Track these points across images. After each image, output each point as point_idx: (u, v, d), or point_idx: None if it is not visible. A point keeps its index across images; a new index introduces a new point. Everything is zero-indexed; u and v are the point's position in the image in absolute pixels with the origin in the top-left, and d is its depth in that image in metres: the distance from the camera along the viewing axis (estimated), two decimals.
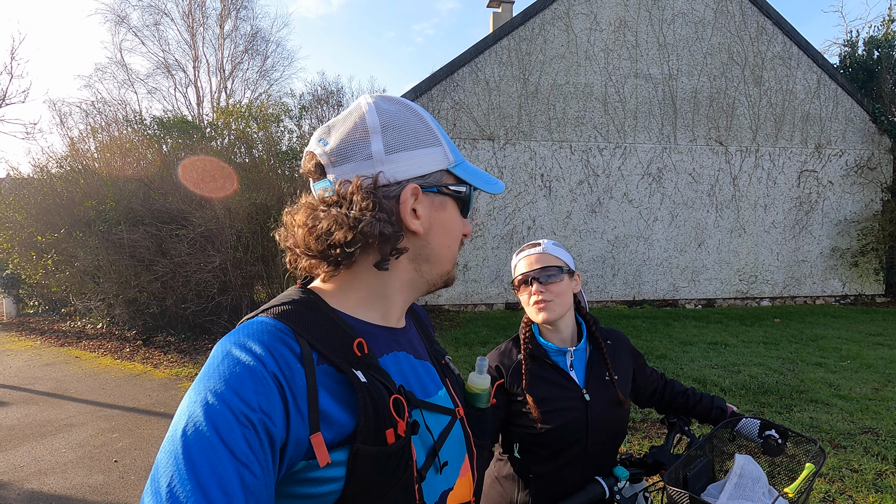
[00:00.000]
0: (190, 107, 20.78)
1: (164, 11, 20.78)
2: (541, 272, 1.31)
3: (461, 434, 0.74)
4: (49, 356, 6.34)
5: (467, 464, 0.74)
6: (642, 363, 1.51)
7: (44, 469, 3.46)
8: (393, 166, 0.64)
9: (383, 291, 0.69)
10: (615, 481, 1.23)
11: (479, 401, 0.81)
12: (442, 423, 0.70)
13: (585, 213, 8.66)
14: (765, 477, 1.07)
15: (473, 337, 6.56)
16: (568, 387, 1.32)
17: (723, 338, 6.54)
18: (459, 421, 0.74)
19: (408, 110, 0.69)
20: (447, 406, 0.72)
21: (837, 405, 4.18)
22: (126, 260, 6.90)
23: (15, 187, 9.03)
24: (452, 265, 0.74)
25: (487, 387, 0.82)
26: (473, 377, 0.82)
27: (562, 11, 8.38)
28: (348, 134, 0.65)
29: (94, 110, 12.02)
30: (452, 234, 0.71)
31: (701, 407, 1.45)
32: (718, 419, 1.42)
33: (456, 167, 0.70)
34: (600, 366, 1.36)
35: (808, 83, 8.99)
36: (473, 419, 0.79)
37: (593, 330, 1.40)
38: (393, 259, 0.65)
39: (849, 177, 9.22)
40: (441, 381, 0.75)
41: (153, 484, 0.49)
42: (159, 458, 0.51)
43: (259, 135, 7.83)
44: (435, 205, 0.68)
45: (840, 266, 9.35)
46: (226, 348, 0.56)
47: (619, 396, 1.32)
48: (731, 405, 1.44)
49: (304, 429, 0.55)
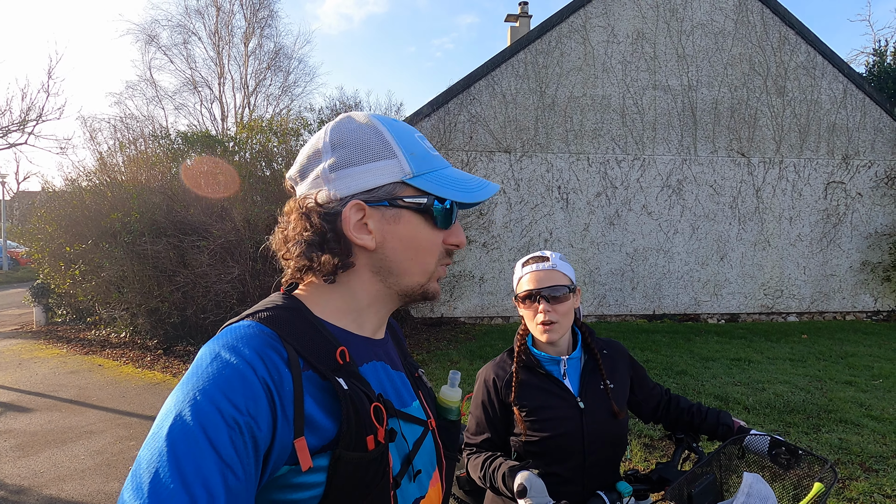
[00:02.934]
0: (215, 122, 21.41)
1: (192, 31, 21.56)
2: (549, 290, 1.30)
3: (432, 445, 0.75)
4: (74, 364, 6.50)
5: (437, 474, 0.75)
6: (643, 375, 1.49)
7: (62, 475, 3.52)
8: (338, 183, 0.66)
9: (355, 303, 0.70)
10: (618, 497, 1.21)
11: (451, 413, 0.82)
12: (416, 433, 0.71)
13: (604, 226, 8.56)
14: (773, 496, 1.02)
15: (489, 350, 6.50)
16: (562, 395, 1.32)
17: (747, 354, 6.34)
18: (431, 432, 0.75)
19: (367, 127, 0.68)
20: (420, 417, 0.73)
21: (869, 426, 3.99)
22: (149, 270, 7.07)
23: (47, 200, 9.38)
24: (426, 278, 0.71)
25: (459, 400, 0.83)
26: (446, 390, 0.84)
27: (579, 24, 8.39)
28: (305, 157, 0.70)
29: (123, 126, 12.46)
30: (414, 246, 0.69)
31: (707, 423, 1.41)
32: (725, 435, 1.37)
33: (415, 178, 0.67)
34: (595, 375, 1.36)
35: (834, 93, 8.78)
36: (444, 431, 0.80)
37: (588, 339, 1.40)
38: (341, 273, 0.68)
39: (879, 188, 8.92)
40: (415, 393, 0.76)
41: (134, 479, 0.49)
42: (141, 454, 0.50)
43: (279, 148, 7.99)
44: (387, 218, 0.67)
45: (871, 280, 9.01)
46: (214, 350, 0.57)
47: (614, 407, 1.31)
48: (738, 420, 1.40)
49: (289, 433, 0.56)
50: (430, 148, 0.72)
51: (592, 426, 1.28)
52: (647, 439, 3.78)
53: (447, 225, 0.70)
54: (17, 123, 11.21)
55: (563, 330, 1.32)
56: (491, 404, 1.38)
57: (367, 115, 0.70)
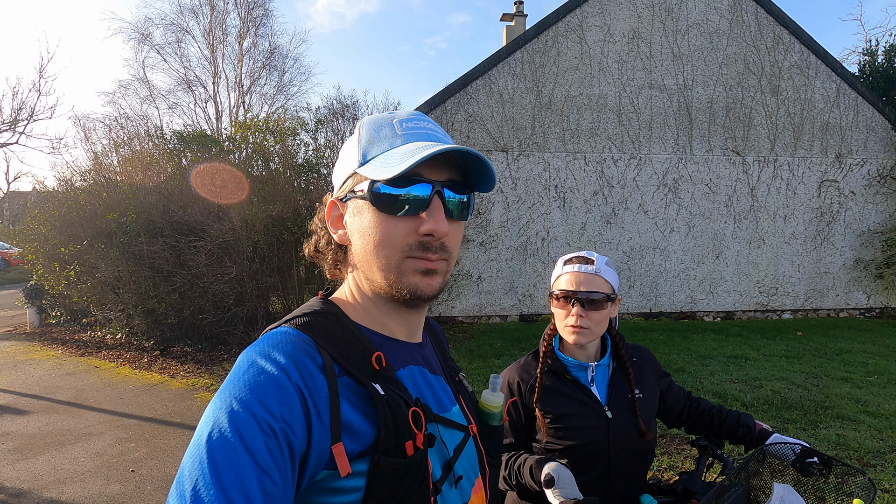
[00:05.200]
0: (209, 121, 21.26)
1: (185, 29, 21.39)
2: (586, 295, 1.24)
3: (474, 451, 0.74)
4: (70, 366, 6.45)
5: (480, 481, 0.74)
6: (669, 382, 1.45)
7: (62, 478, 3.49)
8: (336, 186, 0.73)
9: (365, 303, 0.71)
10: None
11: (493, 419, 0.80)
12: (456, 438, 0.70)
13: (600, 225, 8.59)
14: None
15: (487, 349, 6.51)
16: (589, 403, 1.26)
17: (743, 351, 6.39)
18: (472, 438, 0.74)
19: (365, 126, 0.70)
20: (461, 422, 0.72)
21: (865, 422, 4.04)
22: (145, 271, 7.02)
23: (40, 200, 9.28)
24: (390, 272, 0.64)
25: (501, 404, 0.81)
26: (487, 395, 0.81)
27: (575, 24, 8.41)
28: None
29: (117, 125, 12.36)
30: (370, 237, 0.64)
31: (727, 425, 1.37)
32: (746, 437, 1.33)
33: (363, 166, 0.65)
34: (623, 384, 1.30)
35: (828, 92, 8.86)
36: (486, 437, 0.78)
37: (619, 347, 1.34)
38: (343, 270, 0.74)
39: (871, 186, 9.02)
40: (455, 398, 0.75)
41: (178, 487, 0.50)
42: (184, 462, 0.52)
43: (276, 148, 7.96)
44: (353, 212, 0.68)
45: (864, 278, 9.10)
46: (251, 358, 0.58)
47: (641, 427, 1.24)
48: (760, 423, 1.35)
49: (326, 439, 0.56)
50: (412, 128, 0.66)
51: (619, 437, 1.23)
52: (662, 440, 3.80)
53: (393, 210, 0.62)
54: (7, 123, 11.08)
55: (594, 336, 1.27)
56: (515, 408, 1.33)
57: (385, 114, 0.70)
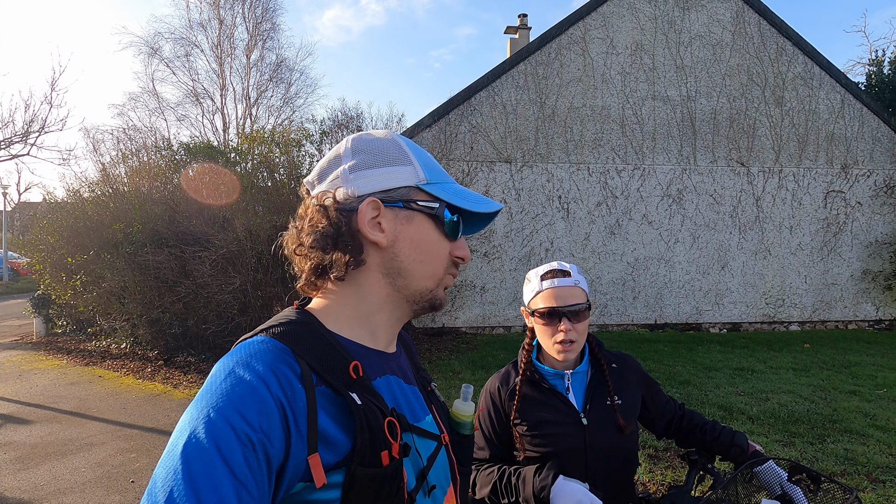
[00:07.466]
0: (216, 133, 21.50)
1: (194, 43, 21.70)
2: (571, 309, 1.25)
3: (446, 460, 0.74)
4: (74, 375, 6.47)
5: (451, 490, 0.74)
6: (656, 391, 1.44)
7: (63, 488, 3.49)
8: (356, 183, 0.69)
9: (366, 308, 0.70)
10: None
11: (464, 428, 0.81)
12: (429, 448, 0.71)
13: (604, 235, 8.57)
14: None
15: (491, 360, 6.48)
16: (565, 411, 1.27)
17: (749, 363, 6.32)
18: (445, 447, 0.74)
19: (387, 139, 0.72)
20: (434, 432, 0.73)
21: (874, 436, 3.96)
22: (150, 281, 7.06)
23: (49, 211, 9.40)
24: (435, 283, 0.72)
25: (472, 414, 0.82)
26: (458, 404, 0.82)
27: (578, 36, 8.48)
28: (326, 161, 0.73)
29: (126, 137, 12.51)
30: (424, 248, 0.70)
31: (720, 442, 1.35)
32: (738, 457, 1.31)
33: (429, 185, 0.71)
34: (601, 389, 1.31)
35: (832, 103, 8.84)
36: (457, 446, 0.79)
37: (596, 352, 1.36)
38: (352, 272, 0.69)
39: (878, 197, 8.95)
40: (427, 407, 0.76)
41: (150, 497, 0.49)
42: (157, 472, 0.51)
43: (281, 159, 8.02)
44: (400, 218, 0.69)
45: (873, 289, 9.00)
46: (228, 367, 0.57)
47: (620, 421, 1.26)
48: (754, 443, 1.33)
49: (303, 450, 0.55)
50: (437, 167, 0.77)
51: (596, 443, 1.24)
52: (652, 450, 3.75)
53: (455, 234, 0.72)
54: (19, 135, 11.26)
55: (580, 347, 1.29)
56: (496, 417, 1.34)
57: (387, 131, 0.74)
